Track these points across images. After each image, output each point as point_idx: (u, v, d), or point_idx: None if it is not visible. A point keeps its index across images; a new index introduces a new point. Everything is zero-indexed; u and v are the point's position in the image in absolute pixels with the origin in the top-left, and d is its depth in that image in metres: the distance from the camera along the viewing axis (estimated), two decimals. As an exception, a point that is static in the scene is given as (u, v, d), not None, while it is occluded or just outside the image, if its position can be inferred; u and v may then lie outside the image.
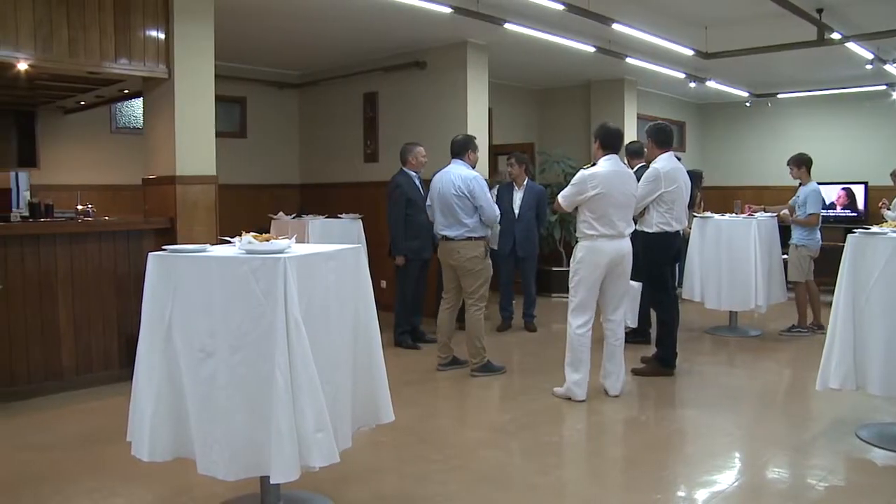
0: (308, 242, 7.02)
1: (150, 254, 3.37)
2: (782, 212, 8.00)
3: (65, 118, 9.11)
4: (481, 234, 6.22)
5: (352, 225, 8.20)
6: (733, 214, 8.11)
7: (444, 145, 6.73)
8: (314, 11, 7.34)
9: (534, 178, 9.68)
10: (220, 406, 3.11)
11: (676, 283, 7.43)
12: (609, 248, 5.42)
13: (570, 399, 5.52)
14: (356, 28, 8.01)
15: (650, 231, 6.08)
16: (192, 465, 3.24)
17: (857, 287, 4.53)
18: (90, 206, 7.87)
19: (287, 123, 10.71)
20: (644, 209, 6.05)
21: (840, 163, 12.25)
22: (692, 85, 11.02)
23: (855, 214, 11.80)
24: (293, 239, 3.43)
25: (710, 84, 11.24)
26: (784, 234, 8.09)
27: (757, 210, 8.11)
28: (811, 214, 7.69)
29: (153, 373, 3.27)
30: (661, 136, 6.17)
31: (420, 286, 7.46)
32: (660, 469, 4.32)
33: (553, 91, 12.15)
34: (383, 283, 8.36)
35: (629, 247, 5.55)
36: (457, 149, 6.39)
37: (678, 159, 6.25)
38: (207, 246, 3.58)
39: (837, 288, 4.61)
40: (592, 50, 8.63)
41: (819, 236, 7.83)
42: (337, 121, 10.25)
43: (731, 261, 7.65)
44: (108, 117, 9.28)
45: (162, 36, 6.11)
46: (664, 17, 7.78)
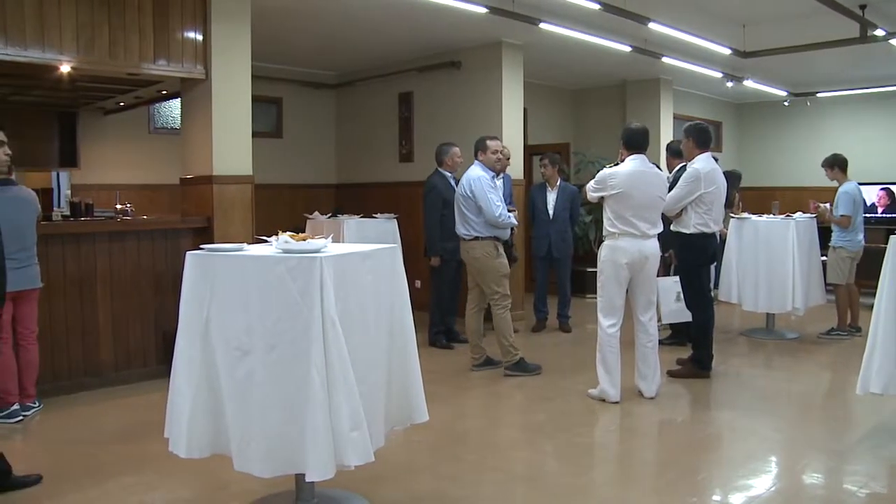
0: (343, 242, 7.05)
1: (188, 253, 3.41)
2: (821, 208, 7.85)
3: (104, 119, 9.25)
4: (488, 233, 6.19)
5: (387, 225, 8.23)
6: (771, 215, 8.01)
7: (478, 145, 6.72)
8: (350, 13, 7.38)
9: (568, 179, 9.65)
10: (257, 404, 3.14)
11: (712, 285, 7.36)
12: (631, 248, 5.39)
13: (604, 400, 5.49)
14: (392, 29, 8.04)
15: (687, 232, 6.02)
16: (229, 462, 3.26)
17: (899, 290, 4.45)
18: (129, 206, 7.97)
19: (323, 123, 10.77)
20: (681, 210, 5.99)
21: (882, 163, 12.02)
22: (729, 84, 10.91)
23: (897, 215, 11.58)
24: (330, 238, 3.45)
25: (748, 83, 11.11)
26: (825, 236, 7.98)
27: (821, 206, 7.92)
28: (842, 216, 7.59)
29: (191, 370, 3.30)
30: (703, 137, 6.08)
31: (455, 287, 7.47)
32: (695, 472, 4.28)
33: (588, 91, 12.09)
34: (418, 283, 8.38)
35: (654, 247, 5.51)
36: (474, 150, 6.43)
37: (715, 160, 6.18)
38: (244, 245, 3.61)
39: (879, 290, 4.54)
40: (628, 49, 8.57)
41: (860, 238, 7.70)
42: (372, 121, 10.29)
43: (768, 262, 7.55)
44: (146, 118, 9.41)
45: (199, 37, 6.18)
46: (701, 16, 7.71)
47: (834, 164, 7.79)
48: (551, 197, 8.16)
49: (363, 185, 10.35)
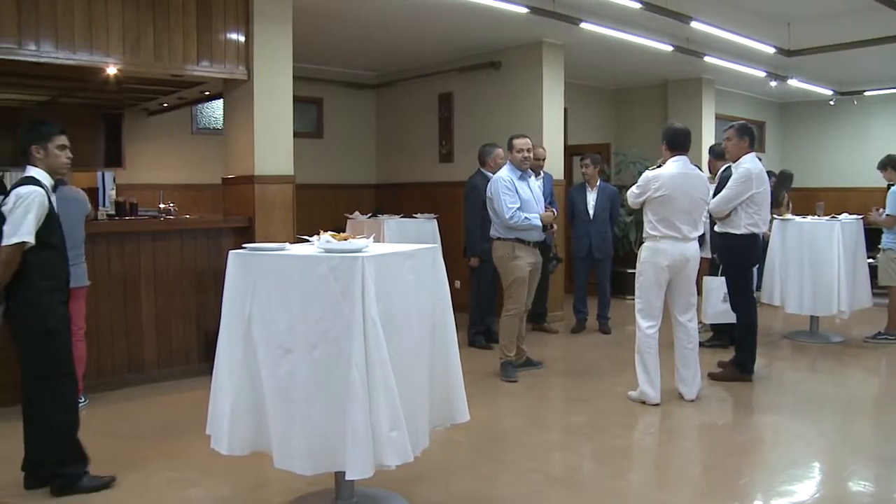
0: (383, 242, 7.07)
1: (230, 252, 3.44)
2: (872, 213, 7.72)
3: (148, 120, 9.39)
4: (507, 234, 6.14)
5: (427, 225, 8.23)
6: (815, 216, 7.87)
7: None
8: (390, 13, 7.40)
9: (608, 180, 9.58)
10: (298, 402, 3.16)
11: (754, 287, 7.25)
12: (672, 250, 5.34)
13: (643, 402, 5.45)
14: (432, 29, 8.05)
15: (737, 233, 5.94)
16: (269, 459, 3.29)
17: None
18: (172, 205, 8.09)
19: (363, 124, 10.82)
20: (730, 211, 5.92)
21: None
22: (773, 84, 10.75)
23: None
24: (371, 238, 3.46)
25: (793, 82, 10.93)
26: (875, 238, 7.83)
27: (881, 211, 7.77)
28: (888, 216, 7.46)
29: (233, 368, 3.34)
30: (752, 136, 6.03)
31: (493, 287, 7.44)
32: (736, 476, 4.22)
33: (629, 91, 12.00)
34: (457, 284, 8.38)
35: (695, 249, 5.46)
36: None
37: (758, 160, 6.10)
38: (286, 244, 3.64)
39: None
40: (670, 49, 8.49)
41: None
42: (412, 121, 10.32)
43: (812, 264, 7.42)
44: (189, 118, 9.54)
45: (242, 39, 6.24)
46: (745, 14, 7.61)
47: (887, 165, 7.74)
48: (591, 197, 8.12)
49: (403, 185, 10.38)
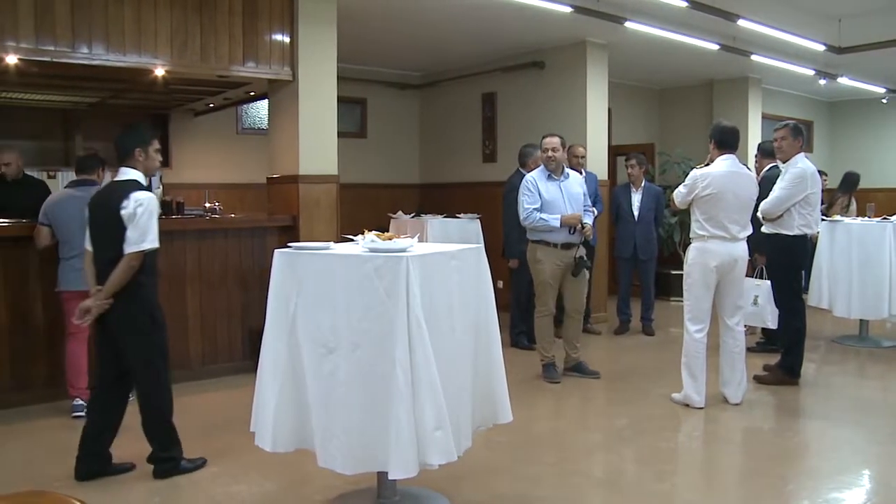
0: (427, 242, 7.08)
1: (276, 251, 3.48)
2: None
3: (195, 120, 9.51)
4: (533, 236, 6.11)
5: (470, 225, 8.22)
6: (866, 217, 7.72)
7: (562, 146, 6.65)
8: (434, 14, 7.42)
9: (653, 180, 9.49)
10: (341, 401, 3.18)
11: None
12: (720, 251, 5.27)
13: (688, 405, 5.38)
14: (476, 29, 8.05)
15: (790, 234, 5.84)
16: (312, 457, 3.32)
17: None
18: (217, 204, 8.20)
19: (407, 124, 10.86)
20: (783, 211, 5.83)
21: None
22: (822, 82, 10.54)
23: None
24: (416, 238, 3.47)
25: (842, 80, 10.72)
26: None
27: None
28: None
29: (277, 366, 3.37)
30: (803, 136, 5.95)
31: (532, 288, 7.41)
32: (782, 482, 4.15)
33: (674, 90, 11.87)
34: (500, 284, 8.36)
35: (743, 250, 5.38)
36: None
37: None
38: (331, 243, 3.66)
39: None
40: (716, 48, 8.39)
41: None
42: (456, 121, 10.33)
43: (862, 266, 7.27)
44: (234, 119, 9.65)
45: (287, 40, 6.30)
46: (794, 11, 7.48)
47: None
48: (636, 198, 8.05)
49: (446, 185, 10.40)
